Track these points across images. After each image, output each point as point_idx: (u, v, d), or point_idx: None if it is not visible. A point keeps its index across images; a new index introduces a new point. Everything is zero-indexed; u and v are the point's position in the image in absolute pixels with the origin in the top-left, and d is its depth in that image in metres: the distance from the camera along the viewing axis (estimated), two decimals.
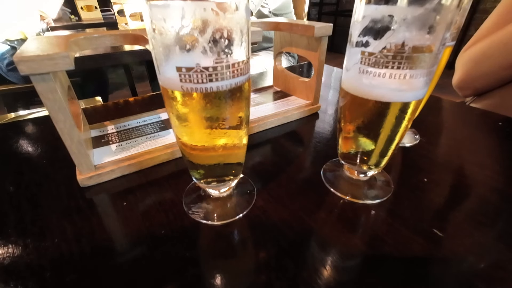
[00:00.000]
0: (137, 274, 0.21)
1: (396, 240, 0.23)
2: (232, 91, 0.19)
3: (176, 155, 0.34)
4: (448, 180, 0.31)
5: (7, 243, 0.23)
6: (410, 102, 0.22)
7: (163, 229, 0.24)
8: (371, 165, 0.27)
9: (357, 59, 0.21)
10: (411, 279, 0.20)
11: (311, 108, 0.46)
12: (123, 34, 0.31)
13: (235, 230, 0.25)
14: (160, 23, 0.16)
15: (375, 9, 0.19)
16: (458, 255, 0.22)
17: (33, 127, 0.44)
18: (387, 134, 0.24)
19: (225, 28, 0.17)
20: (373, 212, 0.26)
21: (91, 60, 0.76)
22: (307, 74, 0.69)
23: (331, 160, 0.34)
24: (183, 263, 0.21)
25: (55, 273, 0.21)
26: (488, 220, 0.25)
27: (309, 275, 0.20)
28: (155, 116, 0.42)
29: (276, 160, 0.35)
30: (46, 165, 0.34)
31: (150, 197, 0.28)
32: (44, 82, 0.23)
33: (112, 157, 0.32)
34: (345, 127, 0.26)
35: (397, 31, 0.19)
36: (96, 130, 0.38)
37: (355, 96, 0.23)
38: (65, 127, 0.26)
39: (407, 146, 0.37)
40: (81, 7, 1.78)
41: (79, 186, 0.29)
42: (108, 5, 1.88)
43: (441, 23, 0.18)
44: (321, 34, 0.38)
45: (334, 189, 0.29)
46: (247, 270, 0.21)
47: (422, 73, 0.20)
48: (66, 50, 0.23)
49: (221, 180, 0.26)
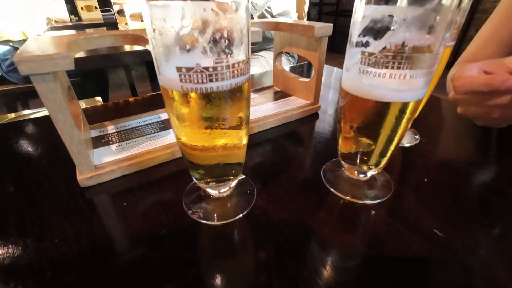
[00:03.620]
0: (137, 274, 0.21)
1: (396, 240, 0.23)
2: (232, 91, 0.19)
3: (176, 155, 0.34)
4: (448, 180, 0.31)
5: (7, 243, 0.23)
6: (410, 102, 0.22)
7: (163, 229, 0.24)
8: (371, 165, 0.27)
9: (357, 59, 0.21)
10: (411, 279, 0.20)
11: (311, 108, 0.46)
12: (123, 34, 0.31)
13: (235, 230, 0.25)
14: (160, 23, 0.16)
15: (375, 9, 0.19)
16: (458, 255, 0.22)
17: (33, 127, 0.44)
18: (387, 134, 0.24)
19: (225, 28, 0.17)
20: (373, 212, 0.26)
21: (91, 60, 0.76)
22: (307, 74, 0.69)
23: (331, 160, 0.34)
24: (183, 263, 0.21)
25: (55, 273, 0.21)
26: (488, 220, 0.25)
27: (309, 275, 0.20)
28: (155, 116, 0.42)
29: (276, 160, 0.35)
30: (46, 165, 0.34)
31: (150, 197, 0.28)
32: (44, 82, 0.23)
33: (112, 157, 0.32)
34: (345, 127, 0.26)
35: (397, 31, 0.19)
36: (96, 130, 0.38)
37: (355, 96, 0.23)
38: (65, 127, 0.26)
39: (407, 146, 0.37)
40: (81, 7, 1.78)
41: (79, 186, 0.29)
42: (108, 5, 1.88)
43: (441, 23, 0.18)
44: (321, 34, 0.38)
45: (334, 189, 0.29)
46: (247, 270, 0.21)
47: (422, 73, 0.20)
48: (66, 50, 0.23)
49: (221, 180, 0.26)
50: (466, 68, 0.30)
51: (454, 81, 0.30)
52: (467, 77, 0.28)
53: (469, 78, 0.28)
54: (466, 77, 0.28)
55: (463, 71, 0.29)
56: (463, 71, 0.29)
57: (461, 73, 0.29)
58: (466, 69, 0.29)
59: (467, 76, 0.28)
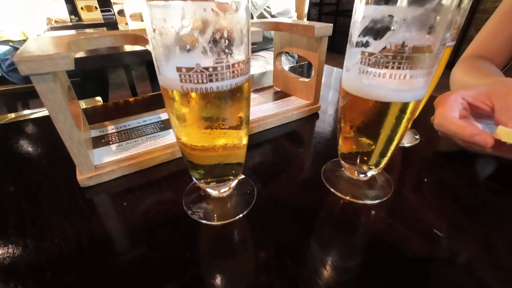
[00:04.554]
0: (137, 274, 0.21)
1: (396, 240, 0.23)
2: (232, 91, 0.19)
3: (176, 155, 0.34)
4: (448, 180, 0.31)
5: (7, 243, 0.23)
6: (410, 102, 0.22)
7: (163, 229, 0.24)
8: (371, 165, 0.27)
9: (357, 59, 0.21)
10: (411, 279, 0.20)
11: (311, 108, 0.46)
12: (123, 34, 0.31)
13: (235, 230, 0.25)
14: (160, 23, 0.16)
15: (375, 9, 0.19)
16: (458, 255, 0.22)
17: (33, 127, 0.44)
18: (387, 134, 0.24)
19: (225, 28, 0.17)
20: (373, 212, 0.26)
21: (91, 60, 0.76)
22: (307, 74, 0.69)
23: (331, 160, 0.34)
24: (183, 263, 0.21)
25: (55, 273, 0.21)
26: (488, 220, 0.25)
27: (309, 275, 0.20)
28: (155, 116, 0.42)
29: (276, 160, 0.35)
30: (46, 165, 0.34)
31: (150, 197, 0.28)
32: (44, 82, 0.23)
33: (112, 157, 0.32)
34: (345, 127, 0.26)
35: (397, 31, 0.19)
36: (96, 130, 0.38)
37: (355, 96, 0.23)
38: (65, 127, 0.26)
39: (407, 146, 0.37)
40: (81, 7, 1.78)
41: (79, 186, 0.29)
42: (108, 5, 1.88)
43: (441, 23, 0.18)
44: (321, 34, 0.38)
45: (334, 189, 0.29)
46: (247, 270, 0.21)
47: (422, 73, 0.20)
48: (66, 50, 0.23)
49: (221, 180, 0.26)
50: (449, 100, 0.30)
51: (435, 116, 0.31)
52: (445, 118, 0.30)
53: (445, 121, 0.30)
54: (444, 117, 0.30)
55: (446, 104, 0.30)
56: (446, 104, 0.30)
57: (442, 109, 0.30)
58: (449, 102, 0.30)
59: (445, 117, 0.30)
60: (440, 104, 0.31)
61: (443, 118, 0.30)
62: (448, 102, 0.30)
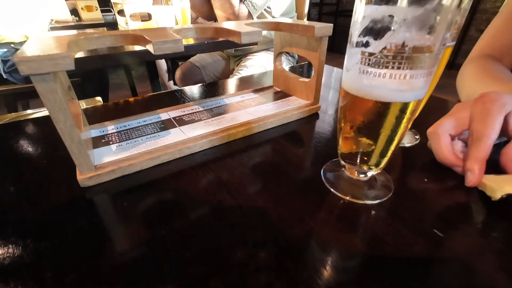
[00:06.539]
0: (137, 274, 0.21)
1: (397, 241, 0.23)
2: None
3: (176, 155, 0.34)
4: (448, 180, 0.31)
5: (7, 243, 0.23)
6: (410, 102, 0.22)
7: (163, 230, 0.24)
8: (371, 165, 0.27)
9: (357, 59, 0.21)
10: (411, 280, 0.20)
11: (311, 108, 0.46)
12: (123, 34, 0.31)
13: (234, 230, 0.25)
14: None
15: (375, 10, 0.19)
16: (458, 255, 0.22)
17: (33, 127, 0.44)
18: (387, 134, 0.24)
19: None
20: (373, 212, 0.26)
21: (91, 60, 0.76)
22: (307, 74, 0.69)
23: (331, 160, 0.34)
24: (183, 263, 0.21)
25: (55, 273, 0.21)
26: (488, 220, 0.25)
27: (309, 275, 0.20)
28: (155, 116, 0.42)
29: (276, 160, 0.35)
30: (46, 165, 0.34)
31: (150, 198, 0.28)
32: (45, 82, 0.23)
33: (112, 157, 0.32)
34: (345, 127, 0.26)
35: (397, 32, 0.19)
36: (96, 130, 0.38)
37: (355, 96, 0.23)
38: (65, 127, 0.26)
39: (407, 146, 0.37)
40: (81, 8, 1.78)
41: (79, 186, 0.29)
42: (108, 5, 1.88)
43: (441, 23, 0.18)
44: (321, 34, 0.38)
45: (334, 189, 0.29)
46: (247, 270, 0.21)
47: (422, 73, 0.20)
48: (66, 50, 0.23)
49: None
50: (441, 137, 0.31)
51: (429, 142, 0.33)
52: (439, 146, 0.31)
53: (439, 150, 0.31)
54: (438, 145, 0.31)
55: (438, 131, 0.31)
56: (438, 131, 0.31)
57: (437, 140, 0.31)
58: (441, 130, 0.31)
59: (440, 144, 0.31)
60: (434, 142, 0.32)
61: (439, 146, 0.31)
62: (441, 139, 0.31)
